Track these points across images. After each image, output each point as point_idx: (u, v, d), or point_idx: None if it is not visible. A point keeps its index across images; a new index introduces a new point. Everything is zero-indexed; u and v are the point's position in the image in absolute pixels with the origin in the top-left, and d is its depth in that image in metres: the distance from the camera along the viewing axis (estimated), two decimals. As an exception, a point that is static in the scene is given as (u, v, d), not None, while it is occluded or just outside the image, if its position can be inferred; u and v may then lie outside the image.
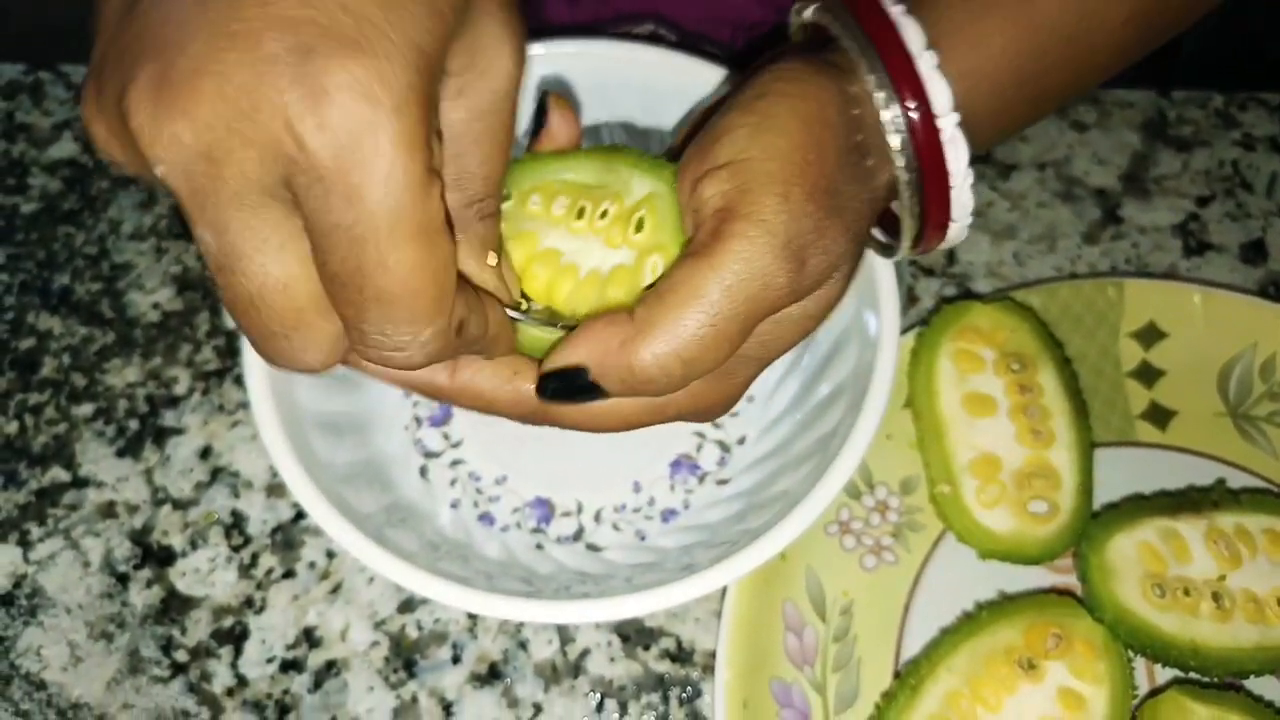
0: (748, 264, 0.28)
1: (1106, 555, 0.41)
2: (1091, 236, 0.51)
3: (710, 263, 0.28)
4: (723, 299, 0.28)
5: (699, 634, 0.42)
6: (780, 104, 0.29)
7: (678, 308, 0.28)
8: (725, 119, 0.30)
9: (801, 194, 0.28)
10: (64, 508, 0.45)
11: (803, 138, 0.29)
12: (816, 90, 0.29)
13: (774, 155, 0.28)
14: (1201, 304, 0.47)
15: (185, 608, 0.43)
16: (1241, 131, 0.54)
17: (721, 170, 0.28)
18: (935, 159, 0.31)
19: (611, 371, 0.28)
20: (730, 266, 0.28)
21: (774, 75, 0.30)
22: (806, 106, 0.29)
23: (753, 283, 0.28)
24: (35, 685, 0.42)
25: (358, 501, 0.37)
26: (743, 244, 0.28)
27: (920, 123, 0.30)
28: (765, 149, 0.28)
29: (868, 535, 0.43)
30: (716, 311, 0.28)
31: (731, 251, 0.28)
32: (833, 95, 0.30)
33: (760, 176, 0.28)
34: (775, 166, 0.28)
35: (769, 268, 0.28)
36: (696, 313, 0.28)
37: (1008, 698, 0.39)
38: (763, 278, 0.28)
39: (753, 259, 0.28)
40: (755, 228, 0.28)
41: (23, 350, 0.49)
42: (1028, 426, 0.43)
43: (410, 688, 0.42)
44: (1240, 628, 0.40)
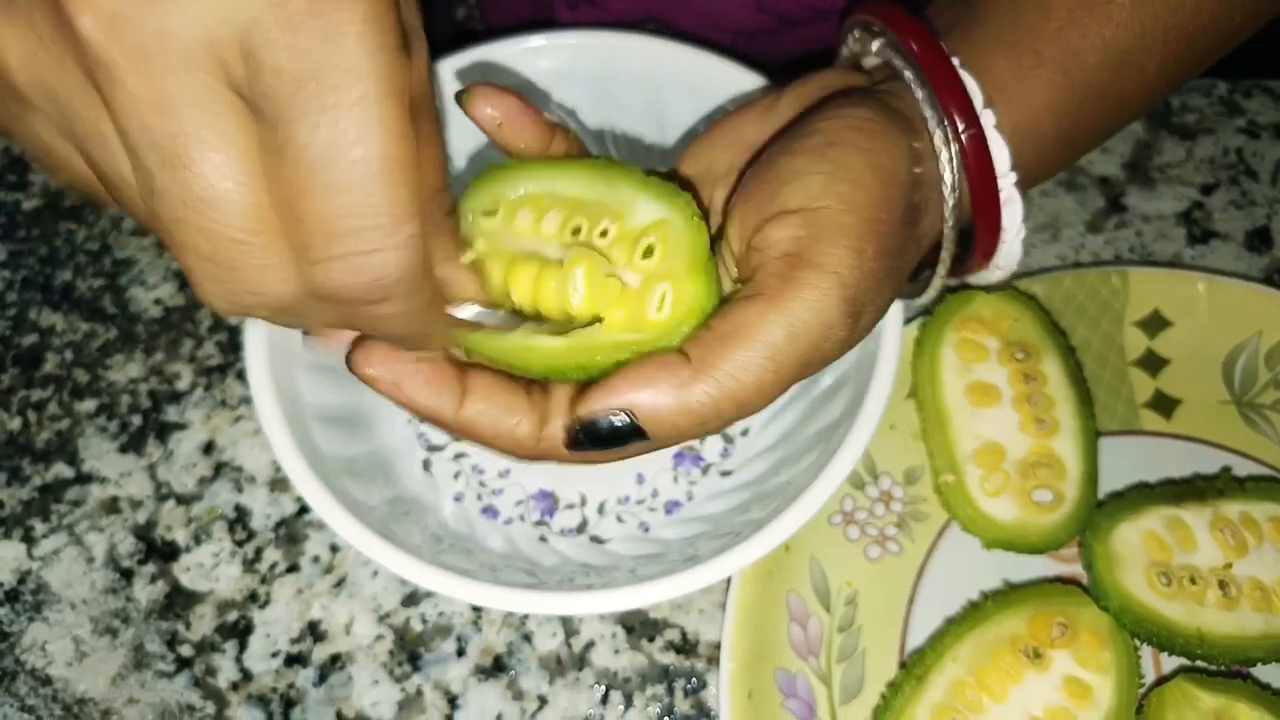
0: (815, 314, 0.27)
1: (1112, 544, 0.41)
2: (1095, 225, 0.51)
3: (778, 306, 0.27)
4: (788, 345, 0.27)
5: (703, 625, 0.42)
6: (856, 157, 0.29)
7: (742, 350, 0.27)
8: (794, 162, 0.29)
9: (873, 252, 0.28)
10: (68, 504, 0.45)
11: (878, 194, 0.29)
12: (890, 146, 0.29)
13: (851, 208, 0.28)
14: (1206, 292, 0.47)
15: (189, 603, 0.43)
16: (1246, 119, 0.54)
17: (794, 216, 0.28)
18: (992, 217, 0.31)
19: (666, 417, 0.27)
20: (799, 314, 0.27)
21: (846, 123, 0.30)
22: (881, 163, 0.29)
23: (816, 331, 0.27)
24: (41, 680, 0.42)
25: (361, 495, 0.37)
26: (813, 293, 0.27)
27: (980, 182, 0.31)
28: (842, 200, 0.28)
29: (872, 525, 0.43)
30: (781, 357, 0.27)
31: (801, 299, 0.27)
32: (904, 153, 0.30)
33: (835, 228, 0.28)
34: (851, 220, 0.28)
35: (834, 319, 0.27)
36: (761, 357, 0.27)
37: (1013, 687, 0.39)
38: (826, 328, 0.27)
39: (820, 309, 0.27)
40: (828, 279, 0.27)
41: (25, 347, 0.49)
42: (1032, 416, 0.43)
43: (415, 681, 0.42)
44: (1246, 616, 0.40)
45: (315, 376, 0.39)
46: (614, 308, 0.28)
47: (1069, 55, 0.32)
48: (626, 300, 0.28)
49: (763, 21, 0.51)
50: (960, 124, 0.31)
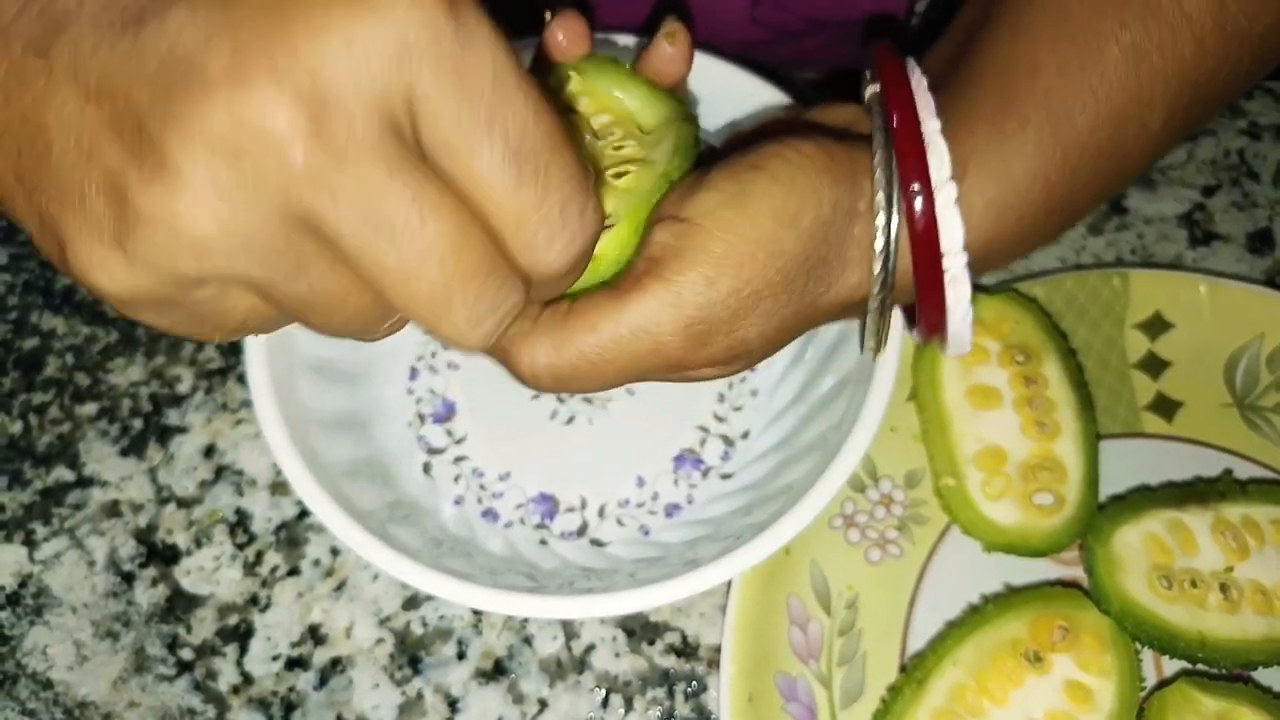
0: (646, 323, 0.29)
1: (1113, 547, 0.41)
2: (1096, 227, 0.51)
3: (615, 305, 0.29)
4: (611, 344, 0.29)
5: (704, 629, 0.42)
6: (766, 186, 0.29)
7: (574, 328, 0.29)
8: (714, 173, 0.30)
9: (728, 286, 0.29)
10: (68, 507, 0.45)
11: (767, 231, 0.29)
12: (810, 188, 0.29)
13: (727, 236, 0.29)
14: (1208, 294, 0.47)
15: (190, 606, 0.43)
16: (1248, 120, 0.54)
17: (678, 224, 0.29)
18: (933, 294, 0.31)
19: (511, 359, 0.30)
20: (629, 319, 0.29)
21: (779, 151, 0.30)
22: (788, 202, 0.29)
23: (643, 341, 0.29)
24: (41, 684, 0.42)
25: (360, 498, 0.37)
26: (649, 303, 0.29)
27: (925, 257, 0.30)
28: (723, 225, 0.29)
29: (872, 529, 0.43)
30: (600, 351, 0.29)
31: (636, 306, 0.29)
32: (824, 200, 0.29)
33: (699, 249, 0.29)
34: (720, 248, 0.29)
35: (664, 336, 0.29)
36: (584, 343, 0.29)
37: (1014, 691, 0.39)
38: (654, 341, 0.29)
39: (651, 322, 0.29)
40: (669, 294, 0.29)
41: (26, 350, 0.49)
42: (1032, 418, 0.43)
43: (415, 684, 0.42)
44: (1248, 619, 0.40)
45: (315, 380, 0.39)
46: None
47: (1058, 118, 0.30)
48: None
49: (756, 33, 0.51)
50: (912, 194, 0.30)
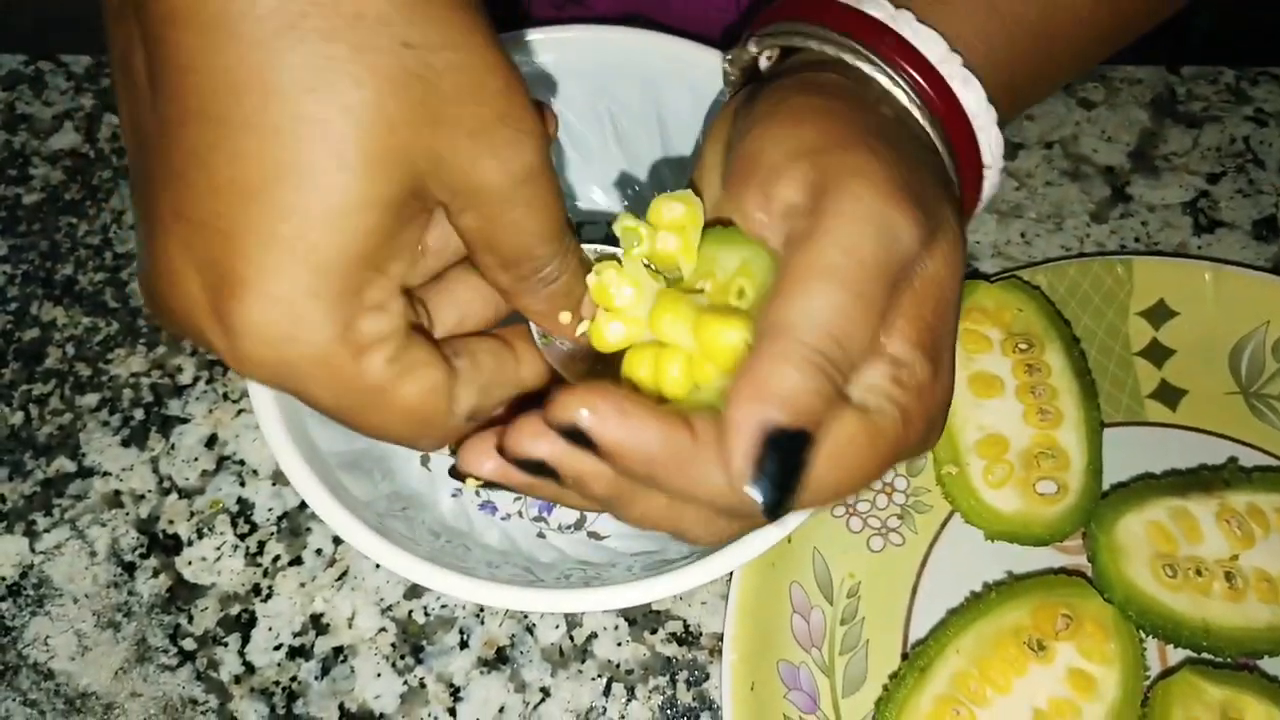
0: (863, 217, 0.24)
1: (1116, 535, 0.41)
2: (1100, 215, 0.51)
3: (822, 233, 0.24)
4: (849, 261, 0.24)
5: (706, 617, 0.42)
6: (807, 95, 0.27)
7: (805, 289, 0.24)
8: (755, 138, 0.27)
9: (881, 144, 0.26)
10: (70, 498, 0.45)
11: (850, 110, 0.27)
12: (831, 79, 0.28)
13: (835, 129, 0.26)
14: (1212, 282, 0.46)
15: (192, 596, 0.43)
16: (1253, 106, 0.53)
17: (789, 166, 0.26)
18: (951, 106, 0.29)
19: (787, 397, 0.23)
20: (845, 227, 0.24)
21: (785, 85, 0.28)
22: (835, 90, 0.28)
23: (874, 234, 0.24)
24: (43, 675, 0.42)
25: (358, 490, 0.36)
26: (851, 201, 0.24)
27: (924, 78, 0.29)
28: (821, 130, 0.26)
29: (874, 517, 0.43)
30: (850, 276, 0.24)
31: (840, 213, 0.24)
32: (846, 81, 0.29)
33: (835, 142, 0.26)
34: (843, 132, 0.26)
35: (885, 213, 0.24)
36: (827, 286, 0.24)
37: (1017, 679, 0.38)
38: (884, 225, 0.24)
39: (866, 211, 0.24)
40: (857, 181, 0.24)
41: (27, 341, 0.49)
42: (1035, 406, 0.43)
43: (418, 673, 0.41)
44: (1253, 607, 0.40)
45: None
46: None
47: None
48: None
49: (741, 19, 0.51)
50: (874, 38, 0.29)
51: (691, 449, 0.24)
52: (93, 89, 0.55)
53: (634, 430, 0.23)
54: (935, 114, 0.29)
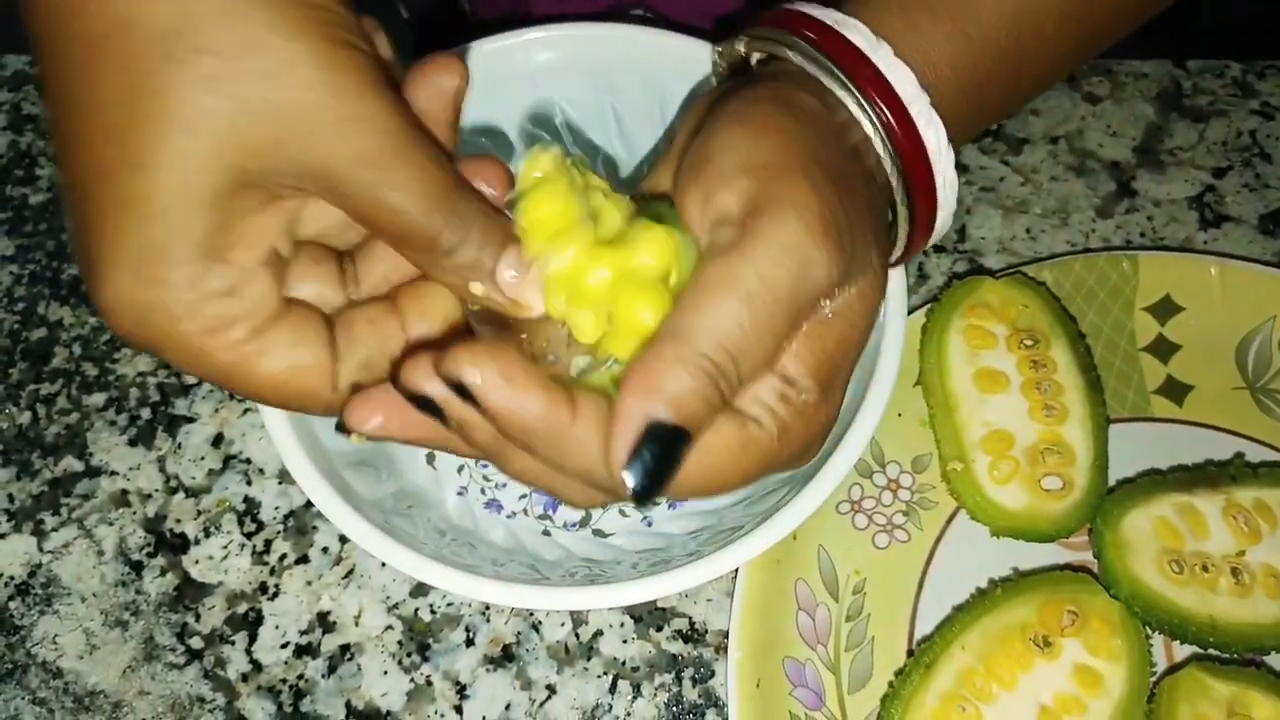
0: (783, 247, 0.25)
1: (1122, 531, 0.41)
2: (1105, 210, 0.51)
3: (741, 251, 0.26)
4: (760, 284, 0.25)
5: (711, 614, 0.42)
6: (777, 111, 0.28)
7: (714, 301, 0.25)
8: (716, 137, 0.28)
9: (824, 179, 0.27)
10: (77, 497, 0.45)
11: (809, 134, 0.28)
12: (804, 99, 0.29)
13: (789, 152, 0.27)
14: (1219, 276, 0.46)
15: (199, 594, 0.43)
16: (1259, 100, 0.53)
17: (736, 177, 0.27)
18: (913, 142, 0.30)
19: (673, 395, 0.25)
20: (764, 252, 0.25)
21: (753, 94, 0.29)
22: (803, 112, 0.29)
23: (791, 266, 0.26)
24: (52, 673, 0.42)
25: (364, 489, 0.37)
26: (776, 228, 0.26)
27: (892, 113, 0.30)
28: (777, 148, 0.27)
29: (879, 514, 0.43)
30: (758, 297, 0.25)
31: (764, 237, 0.26)
32: (816, 102, 0.29)
33: (782, 171, 0.27)
34: (793, 160, 0.27)
35: (805, 248, 0.26)
36: (734, 301, 0.25)
37: (1023, 675, 0.38)
38: (800, 259, 0.26)
39: (788, 242, 0.26)
40: (787, 211, 0.26)
41: (34, 341, 0.49)
42: (1040, 402, 0.42)
43: (424, 670, 0.42)
44: (1260, 603, 0.40)
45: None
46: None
47: (964, 12, 0.31)
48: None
49: (738, 3, 0.51)
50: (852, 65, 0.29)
51: (568, 427, 0.25)
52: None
53: (516, 399, 0.25)
54: (897, 149, 0.30)
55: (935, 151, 0.30)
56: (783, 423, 0.27)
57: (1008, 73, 0.33)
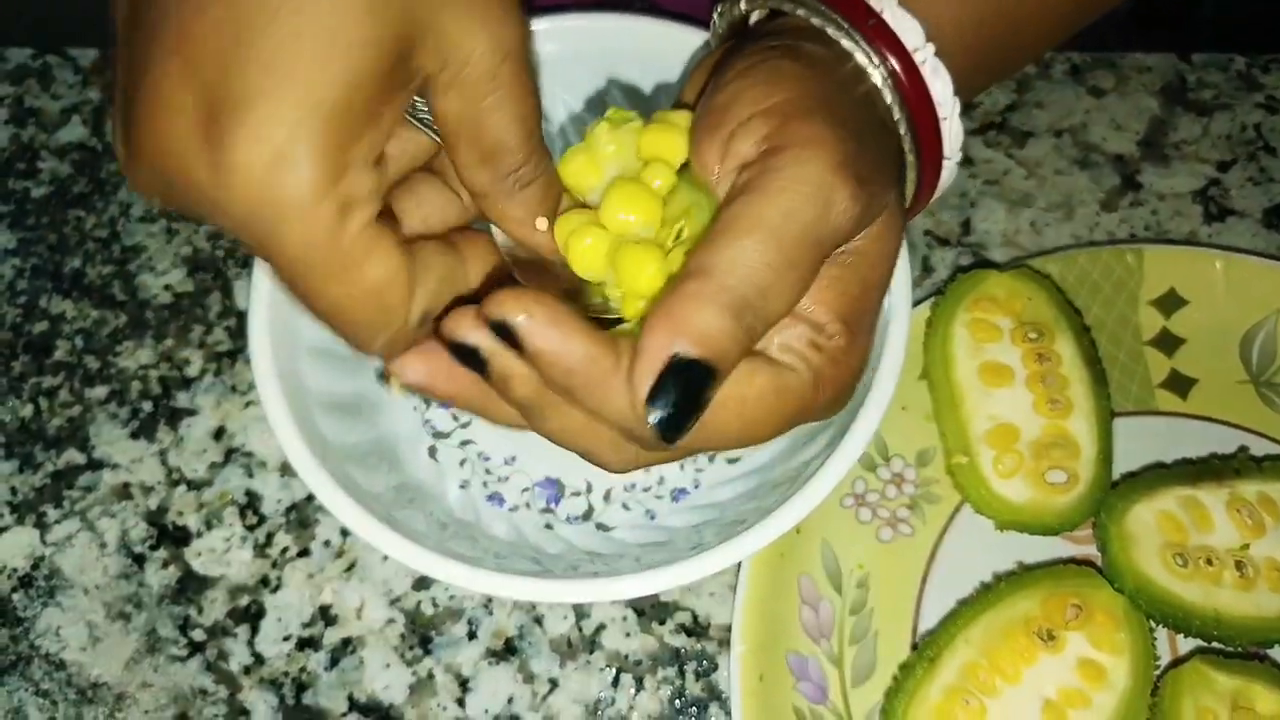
0: (805, 184, 0.25)
1: (1126, 525, 0.41)
2: (1110, 203, 0.50)
3: (764, 191, 0.25)
4: (786, 221, 0.25)
5: (714, 608, 0.42)
6: (787, 59, 0.28)
7: (737, 239, 0.25)
8: (729, 88, 0.28)
9: (840, 119, 0.27)
10: (80, 490, 0.45)
11: (822, 79, 0.28)
12: (812, 49, 0.29)
13: (807, 94, 0.27)
14: (1223, 270, 0.46)
15: (201, 587, 0.43)
16: (1264, 94, 0.53)
17: (753, 121, 0.27)
18: (920, 93, 0.30)
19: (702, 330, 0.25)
20: (786, 191, 0.25)
21: (763, 46, 0.29)
22: (815, 60, 0.28)
23: (815, 201, 0.25)
24: (55, 665, 0.42)
25: (366, 482, 0.36)
26: (797, 166, 0.25)
27: (898, 62, 0.29)
28: (793, 91, 0.27)
29: (883, 507, 0.43)
30: (784, 234, 0.25)
31: (786, 175, 0.25)
32: (825, 51, 0.29)
33: (800, 111, 0.27)
34: (813, 102, 0.27)
35: (828, 185, 0.25)
36: (759, 239, 0.25)
37: (1026, 669, 0.38)
38: (823, 195, 0.25)
39: (809, 179, 0.25)
40: (808, 149, 0.26)
41: (36, 334, 0.49)
42: (1045, 395, 0.42)
43: (426, 664, 0.42)
44: (1264, 596, 0.40)
45: (320, 363, 0.39)
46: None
47: None
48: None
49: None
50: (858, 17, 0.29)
51: (611, 370, 0.25)
52: (100, 82, 0.55)
53: (562, 341, 0.25)
54: (904, 98, 0.30)
55: (941, 101, 0.30)
56: (817, 369, 0.27)
57: (1009, 35, 0.33)
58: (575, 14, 0.41)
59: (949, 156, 0.31)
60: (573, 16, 0.41)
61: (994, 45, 0.33)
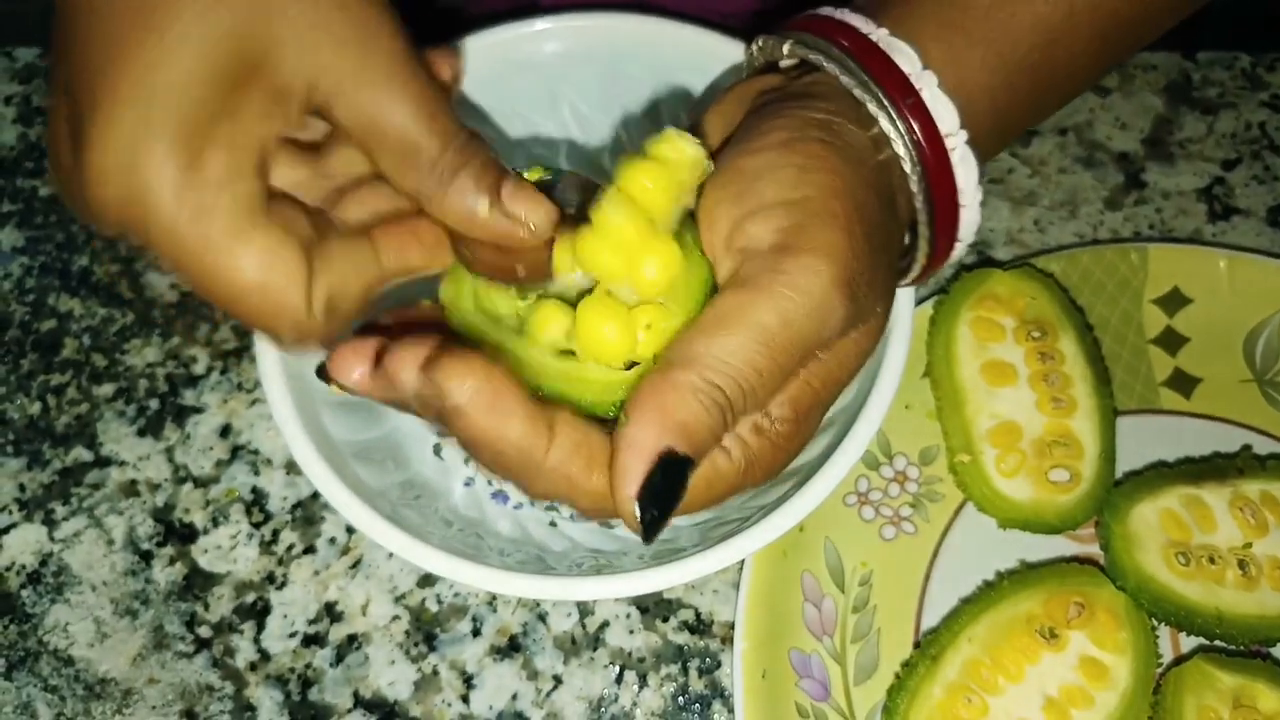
0: (809, 297, 0.26)
1: (1129, 523, 0.41)
2: (1114, 202, 0.50)
3: (768, 293, 0.26)
4: (781, 328, 0.26)
5: (717, 605, 0.42)
6: (822, 148, 0.28)
7: (727, 335, 0.26)
8: (759, 159, 0.28)
9: (861, 232, 0.27)
10: (87, 487, 0.45)
11: (853, 179, 0.28)
12: (852, 135, 0.29)
13: (833, 194, 0.27)
14: (1227, 269, 0.46)
15: (208, 584, 0.43)
16: (1269, 93, 0.53)
17: (775, 209, 0.27)
18: (946, 179, 0.30)
19: (686, 422, 0.25)
20: (791, 298, 0.26)
21: (803, 119, 0.29)
22: (849, 151, 0.29)
23: (813, 314, 0.26)
24: (63, 661, 0.42)
25: (371, 479, 0.37)
26: (806, 277, 0.26)
27: (929, 146, 0.30)
28: (822, 188, 0.27)
29: (886, 506, 0.43)
30: (774, 339, 0.26)
31: (794, 284, 0.26)
32: (866, 140, 0.29)
33: (822, 214, 0.27)
34: (836, 205, 0.27)
35: (829, 302, 0.26)
36: (749, 339, 0.26)
37: (1029, 667, 0.38)
38: (822, 312, 0.26)
39: (814, 292, 0.26)
40: (821, 261, 0.26)
41: (44, 332, 0.49)
42: (1048, 394, 0.42)
43: (431, 660, 0.42)
44: (1266, 595, 0.40)
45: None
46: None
47: (1001, 34, 0.31)
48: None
49: (749, 3, 0.50)
50: (898, 93, 0.29)
51: (540, 459, 0.26)
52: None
53: (495, 426, 0.26)
54: (929, 181, 0.30)
55: (964, 189, 0.31)
56: (751, 455, 0.28)
57: (1039, 91, 0.33)
58: (578, 14, 0.41)
59: (961, 239, 0.32)
60: (576, 16, 0.41)
61: (1021, 106, 0.33)
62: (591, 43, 0.42)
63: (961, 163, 0.30)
